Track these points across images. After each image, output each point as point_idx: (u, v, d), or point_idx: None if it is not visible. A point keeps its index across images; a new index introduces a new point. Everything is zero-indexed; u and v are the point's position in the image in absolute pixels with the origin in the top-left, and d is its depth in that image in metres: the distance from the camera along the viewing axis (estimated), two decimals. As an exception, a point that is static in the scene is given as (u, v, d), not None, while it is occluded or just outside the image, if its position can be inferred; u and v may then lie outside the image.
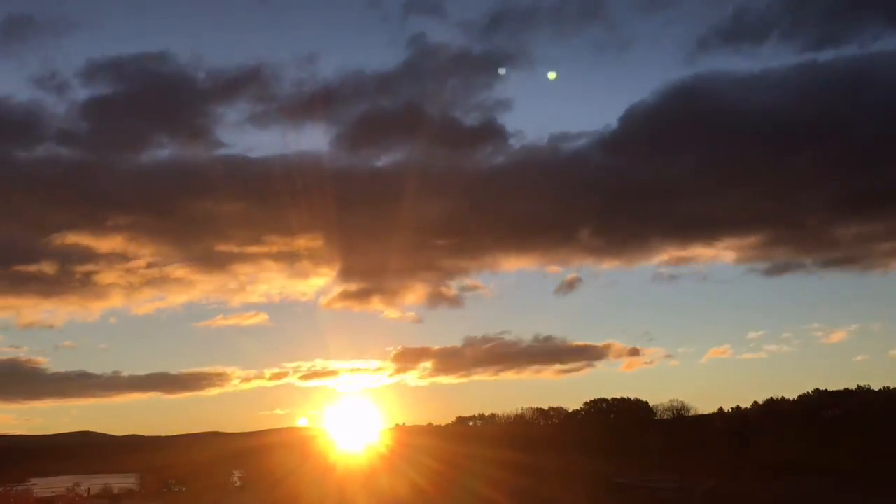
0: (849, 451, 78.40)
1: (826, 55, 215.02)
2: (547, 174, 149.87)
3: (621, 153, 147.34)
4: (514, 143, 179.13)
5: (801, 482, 75.96)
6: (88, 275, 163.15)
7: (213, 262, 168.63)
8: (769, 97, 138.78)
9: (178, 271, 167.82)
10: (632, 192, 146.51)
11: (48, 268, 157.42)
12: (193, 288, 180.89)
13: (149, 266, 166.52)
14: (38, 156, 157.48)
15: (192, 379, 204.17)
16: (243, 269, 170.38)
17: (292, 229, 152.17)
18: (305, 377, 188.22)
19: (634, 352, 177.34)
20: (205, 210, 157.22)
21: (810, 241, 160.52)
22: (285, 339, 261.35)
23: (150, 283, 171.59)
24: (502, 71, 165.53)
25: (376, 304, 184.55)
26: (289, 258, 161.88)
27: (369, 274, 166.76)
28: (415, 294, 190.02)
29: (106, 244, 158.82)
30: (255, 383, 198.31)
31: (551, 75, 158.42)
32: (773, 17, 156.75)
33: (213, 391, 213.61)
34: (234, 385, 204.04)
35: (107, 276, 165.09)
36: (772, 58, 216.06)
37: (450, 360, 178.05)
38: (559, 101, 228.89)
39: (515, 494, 73.02)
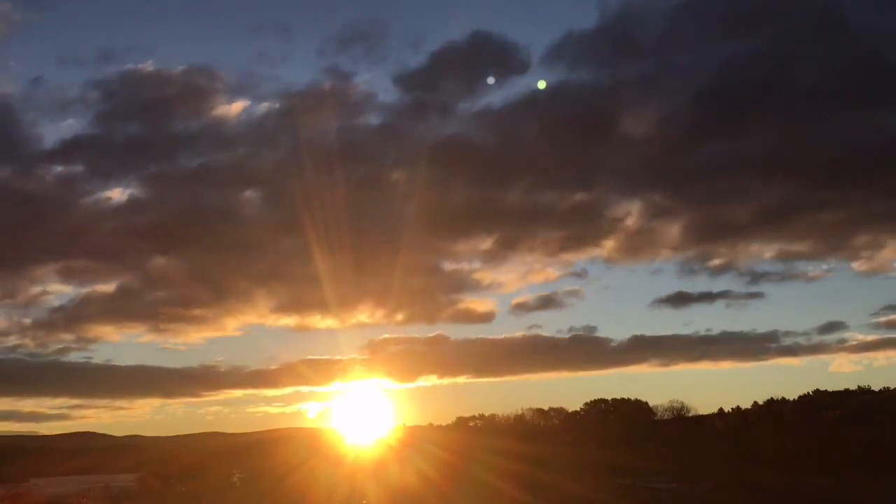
0: (849, 450, 78.57)
1: None
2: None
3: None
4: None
5: (801, 481, 76.02)
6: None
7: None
8: None
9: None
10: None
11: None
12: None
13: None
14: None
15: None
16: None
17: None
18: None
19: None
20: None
21: None
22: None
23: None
24: (491, 80, 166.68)
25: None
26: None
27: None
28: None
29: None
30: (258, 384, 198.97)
31: (541, 84, 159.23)
32: None
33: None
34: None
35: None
36: None
37: (451, 360, 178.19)
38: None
39: (526, 486, 72.86)
